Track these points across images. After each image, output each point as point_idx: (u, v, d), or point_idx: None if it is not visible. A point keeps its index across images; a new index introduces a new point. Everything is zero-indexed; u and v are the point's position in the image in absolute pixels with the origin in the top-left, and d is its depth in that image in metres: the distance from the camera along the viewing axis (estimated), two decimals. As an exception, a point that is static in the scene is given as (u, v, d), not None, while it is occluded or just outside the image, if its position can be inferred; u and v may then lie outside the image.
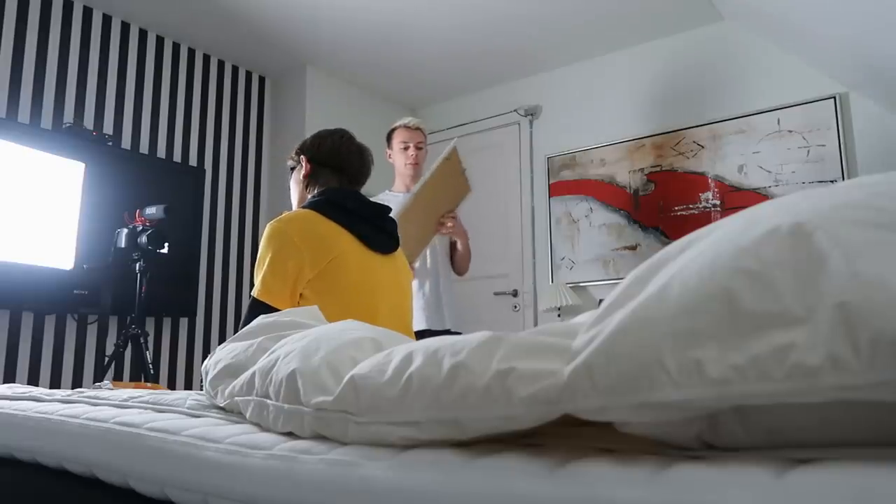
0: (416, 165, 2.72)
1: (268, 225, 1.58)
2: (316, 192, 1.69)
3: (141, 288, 2.77)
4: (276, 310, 1.40)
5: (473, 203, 3.07)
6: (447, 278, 2.69)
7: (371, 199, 1.75)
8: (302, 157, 1.73)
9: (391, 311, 1.64)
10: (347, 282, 1.55)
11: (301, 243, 1.52)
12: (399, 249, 1.76)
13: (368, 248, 1.62)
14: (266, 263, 1.53)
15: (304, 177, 1.72)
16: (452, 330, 2.62)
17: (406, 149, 2.72)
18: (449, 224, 2.49)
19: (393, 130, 2.76)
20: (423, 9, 3.45)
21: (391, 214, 1.78)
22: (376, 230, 1.66)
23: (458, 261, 2.71)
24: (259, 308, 1.46)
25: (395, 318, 1.65)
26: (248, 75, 4.17)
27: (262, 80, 4.25)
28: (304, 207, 1.62)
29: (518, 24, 3.62)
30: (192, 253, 3.61)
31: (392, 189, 2.78)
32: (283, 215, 1.59)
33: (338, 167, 1.69)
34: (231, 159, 4.00)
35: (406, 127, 2.72)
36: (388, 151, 2.78)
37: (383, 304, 1.62)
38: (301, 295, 1.53)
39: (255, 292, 1.53)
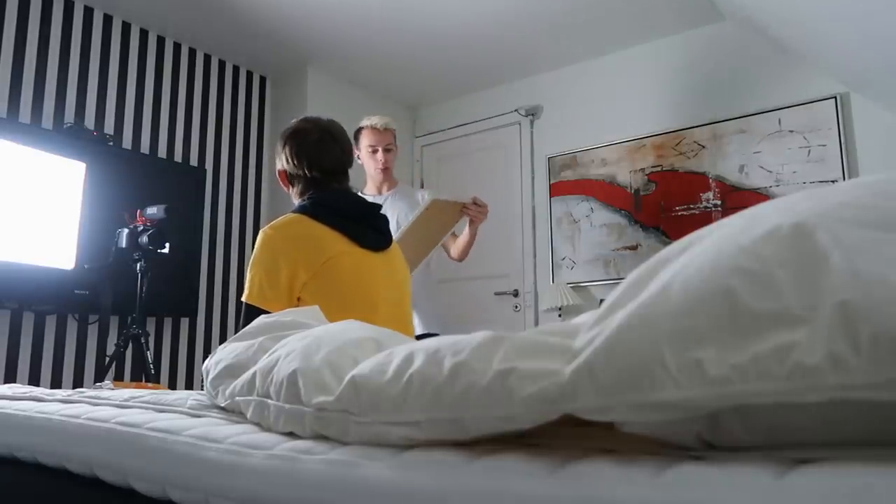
0: (387, 170, 2.59)
1: (261, 231, 1.59)
2: (304, 194, 1.69)
3: (142, 288, 2.77)
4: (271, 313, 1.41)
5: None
6: (423, 284, 2.55)
7: (362, 196, 1.74)
8: (277, 171, 1.73)
9: (390, 307, 1.64)
10: (344, 282, 1.56)
11: (293, 249, 1.54)
12: (394, 245, 1.76)
13: (361, 246, 1.62)
14: (260, 269, 1.54)
15: (286, 186, 1.73)
16: (428, 333, 2.51)
17: (374, 152, 2.56)
18: (478, 210, 2.27)
19: (359, 131, 2.60)
20: (423, 9, 3.45)
21: None
22: (367, 228, 1.66)
23: (464, 247, 2.54)
24: (254, 313, 1.46)
25: (395, 314, 1.66)
26: (249, 75, 4.18)
27: (262, 80, 4.25)
28: (294, 212, 1.63)
29: (519, 24, 3.62)
30: (193, 253, 3.62)
31: (364, 191, 2.66)
32: (275, 221, 1.60)
33: (306, 168, 1.66)
34: (232, 159, 4.01)
35: (373, 128, 2.56)
36: (357, 152, 2.59)
37: (381, 300, 1.62)
38: (298, 298, 1.54)
39: (247, 297, 1.53)
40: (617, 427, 0.49)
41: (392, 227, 2.47)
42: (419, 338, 1.99)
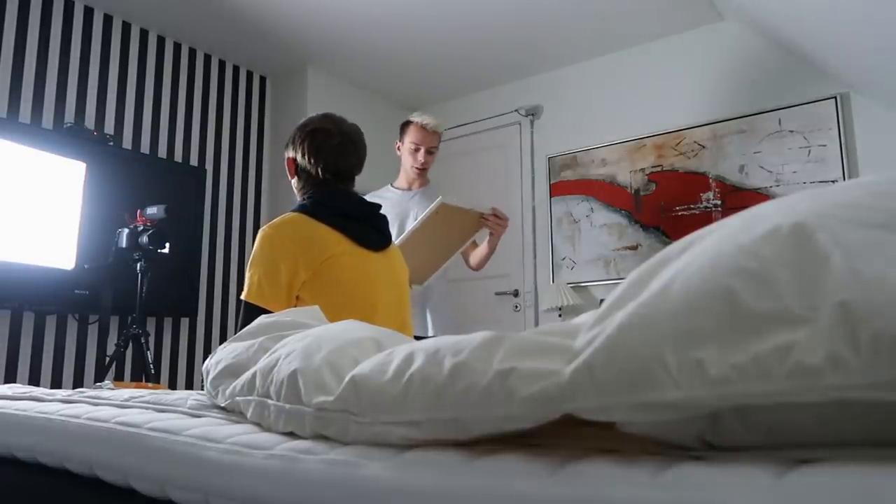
0: (424, 171, 2.57)
1: (260, 230, 1.58)
2: (307, 191, 1.69)
3: (142, 288, 2.77)
4: (271, 312, 1.40)
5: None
6: (440, 285, 2.55)
7: (362, 197, 1.74)
8: (286, 157, 1.72)
9: (389, 308, 1.64)
10: (343, 281, 1.56)
11: (294, 247, 1.53)
12: (394, 246, 1.76)
13: (361, 246, 1.62)
14: (259, 268, 1.53)
15: (292, 176, 1.72)
16: (425, 336, 2.48)
17: (416, 151, 2.53)
18: (497, 222, 2.24)
19: (408, 124, 2.55)
20: (423, 9, 3.45)
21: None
22: (367, 228, 1.66)
23: (482, 258, 2.52)
24: (254, 311, 1.46)
25: (393, 315, 1.65)
26: (249, 75, 4.18)
27: (262, 80, 4.25)
28: (294, 211, 1.63)
29: (519, 24, 3.62)
30: (193, 253, 3.62)
31: (394, 184, 2.65)
32: (274, 220, 1.60)
33: (321, 168, 1.66)
34: (232, 159, 4.01)
35: (422, 127, 2.51)
36: (399, 143, 2.59)
37: (380, 300, 1.62)
38: (297, 297, 1.54)
39: (246, 296, 1.53)
40: (617, 427, 0.49)
41: (411, 224, 2.46)
42: (417, 338, 1.97)
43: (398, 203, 2.54)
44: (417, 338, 2.18)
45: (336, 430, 0.68)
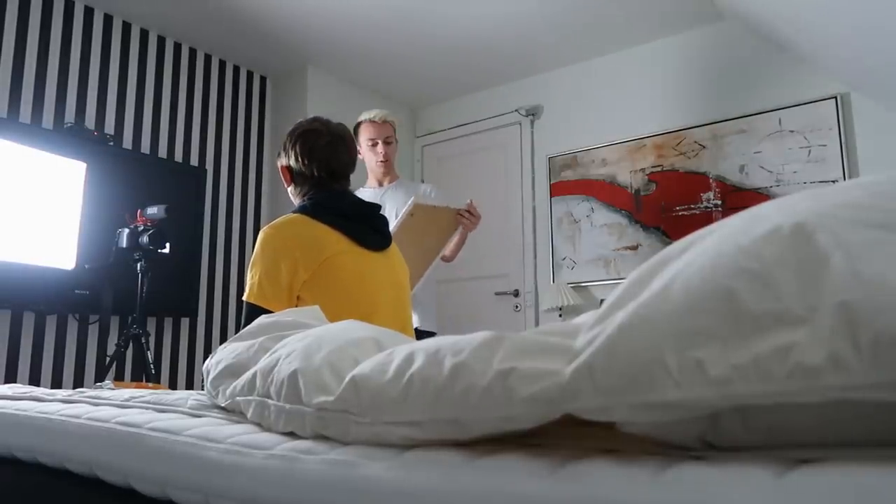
0: (387, 162, 2.60)
1: (261, 231, 1.60)
2: (305, 193, 1.70)
3: (142, 288, 2.77)
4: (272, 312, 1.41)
5: (475, 203, 3.04)
6: (425, 280, 2.51)
7: (360, 197, 1.76)
8: (280, 166, 1.73)
9: (389, 308, 1.65)
10: (343, 281, 1.56)
11: (293, 247, 1.55)
12: (394, 246, 1.76)
13: (361, 246, 1.62)
14: (260, 268, 1.55)
15: (288, 183, 1.73)
16: (426, 330, 2.52)
17: (374, 145, 2.57)
18: (471, 219, 2.30)
19: (359, 125, 2.60)
20: (423, 9, 3.45)
21: None
22: (366, 228, 1.66)
23: (453, 250, 2.53)
24: (255, 312, 1.47)
25: (394, 315, 1.66)
26: (250, 75, 4.18)
27: (263, 80, 4.25)
28: (294, 212, 1.64)
29: (519, 24, 3.62)
30: (194, 253, 3.62)
31: (366, 185, 2.70)
32: (275, 221, 1.61)
33: (315, 168, 1.67)
34: (232, 159, 4.01)
35: (371, 122, 2.56)
36: (357, 147, 2.56)
37: (381, 300, 1.63)
38: (298, 297, 1.54)
39: (247, 296, 1.55)
40: (617, 427, 0.49)
41: (391, 218, 2.48)
42: (419, 337, 1.97)
43: (372, 201, 2.56)
44: (417, 336, 2.18)
45: (336, 430, 0.68)
